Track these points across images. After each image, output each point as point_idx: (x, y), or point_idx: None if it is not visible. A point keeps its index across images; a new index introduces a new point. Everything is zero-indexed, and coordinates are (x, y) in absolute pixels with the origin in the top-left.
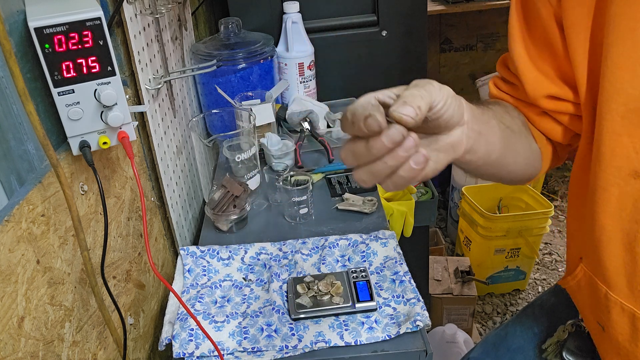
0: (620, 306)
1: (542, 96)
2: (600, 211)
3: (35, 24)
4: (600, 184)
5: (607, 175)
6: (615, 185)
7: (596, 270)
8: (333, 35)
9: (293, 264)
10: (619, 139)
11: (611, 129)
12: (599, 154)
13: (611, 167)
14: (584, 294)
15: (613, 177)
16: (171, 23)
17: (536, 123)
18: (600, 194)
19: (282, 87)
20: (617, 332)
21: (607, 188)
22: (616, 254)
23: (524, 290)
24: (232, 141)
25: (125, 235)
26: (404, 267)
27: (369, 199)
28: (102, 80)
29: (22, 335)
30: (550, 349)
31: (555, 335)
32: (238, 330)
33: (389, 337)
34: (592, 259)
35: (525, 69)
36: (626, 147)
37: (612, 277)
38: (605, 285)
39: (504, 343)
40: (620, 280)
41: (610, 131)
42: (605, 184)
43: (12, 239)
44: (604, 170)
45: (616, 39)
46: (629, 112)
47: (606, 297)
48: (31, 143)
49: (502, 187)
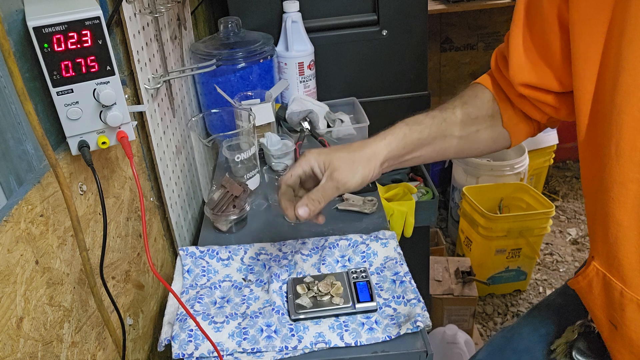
0: (636, 303)
1: (520, 83)
2: (616, 207)
3: (34, 24)
4: (617, 180)
5: (625, 171)
6: (635, 181)
7: (611, 268)
8: (333, 34)
9: (293, 265)
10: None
11: (632, 124)
12: (618, 149)
13: (631, 163)
14: (595, 294)
15: (632, 172)
16: (170, 22)
17: (516, 102)
18: (618, 190)
19: (282, 86)
20: (631, 330)
21: (624, 184)
22: (632, 250)
23: (524, 290)
24: (231, 141)
25: (124, 236)
26: (404, 268)
27: (369, 199)
28: (101, 79)
29: (21, 335)
30: (559, 350)
31: (564, 336)
32: (238, 331)
33: (389, 337)
34: (607, 256)
35: (515, 53)
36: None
37: (628, 274)
38: (621, 283)
39: (510, 344)
40: (636, 276)
41: (630, 126)
42: (624, 179)
43: (10, 239)
44: (623, 166)
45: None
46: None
47: (621, 295)
48: (30, 143)
49: (503, 188)
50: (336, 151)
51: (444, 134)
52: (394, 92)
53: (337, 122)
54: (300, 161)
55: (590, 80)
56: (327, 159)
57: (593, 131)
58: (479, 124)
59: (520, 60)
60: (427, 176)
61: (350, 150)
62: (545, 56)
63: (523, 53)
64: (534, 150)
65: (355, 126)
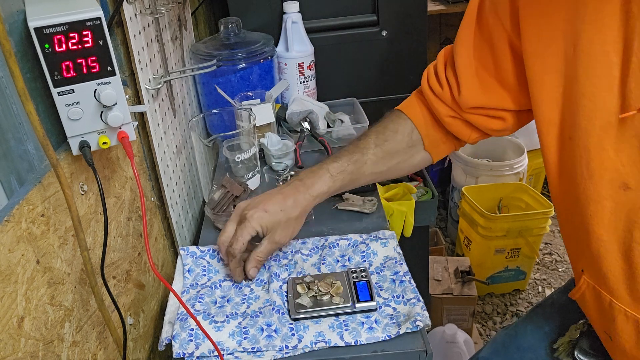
0: (624, 314)
1: (470, 107)
2: (595, 223)
3: (35, 24)
4: (592, 198)
5: (599, 189)
6: (608, 198)
7: (599, 280)
8: (333, 35)
9: (293, 264)
10: (607, 154)
11: (598, 144)
12: (590, 169)
13: (603, 181)
14: (589, 305)
15: (605, 190)
16: (171, 23)
17: (447, 124)
18: (594, 207)
19: (282, 87)
20: (623, 339)
21: (599, 201)
22: (615, 263)
23: (524, 290)
24: (232, 141)
25: (125, 235)
26: (404, 267)
27: (369, 199)
28: (102, 80)
29: (22, 335)
30: (562, 348)
31: (567, 335)
32: (238, 330)
33: (389, 337)
34: (594, 269)
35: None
36: (613, 161)
37: (614, 285)
38: (609, 294)
39: (514, 342)
40: (621, 288)
41: (597, 147)
42: (598, 197)
43: (12, 239)
44: (596, 184)
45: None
46: (610, 127)
47: (610, 306)
48: (31, 143)
49: (502, 187)
50: (274, 215)
51: (365, 173)
52: (393, 92)
53: (337, 123)
54: (246, 228)
55: (550, 108)
56: (269, 224)
57: (562, 154)
58: (400, 156)
59: (471, 83)
60: (426, 176)
61: (285, 211)
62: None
63: (474, 76)
64: (533, 151)
65: (355, 126)
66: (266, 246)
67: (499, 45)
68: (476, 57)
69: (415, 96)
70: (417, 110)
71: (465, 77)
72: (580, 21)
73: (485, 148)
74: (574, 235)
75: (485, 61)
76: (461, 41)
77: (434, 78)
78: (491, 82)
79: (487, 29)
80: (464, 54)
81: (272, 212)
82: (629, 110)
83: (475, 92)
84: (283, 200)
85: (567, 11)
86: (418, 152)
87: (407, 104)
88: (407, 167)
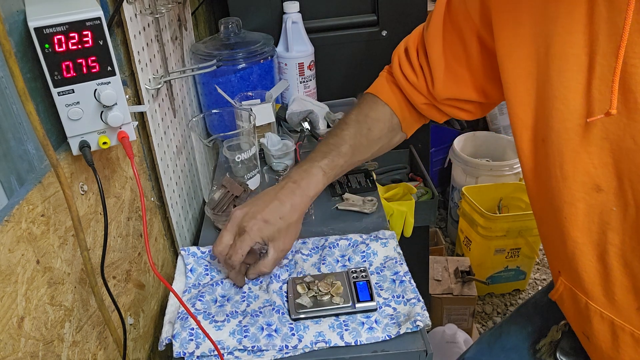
0: (599, 315)
1: (444, 99)
2: (570, 225)
3: (35, 24)
4: (566, 200)
5: (572, 192)
6: (582, 200)
7: (575, 282)
8: (333, 35)
9: (293, 264)
10: (579, 156)
11: (571, 147)
12: (563, 172)
13: (576, 183)
14: (567, 306)
15: (578, 192)
16: (171, 23)
17: (422, 110)
18: (568, 210)
19: (282, 87)
20: (599, 340)
21: (573, 203)
22: (590, 265)
23: (524, 290)
24: (232, 141)
25: (125, 235)
26: (404, 267)
27: (369, 199)
28: (102, 80)
29: (22, 335)
30: (545, 349)
31: (549, 336)
32: (238, 329)
33: (389, 337)
34: (570, 271)
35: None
36: (586, 163)
37: (589, 287)
38: (585, 296)
39: (498, 342)
40: (597, 289)
41: (570, 149)
42: (572, 199)
43: (12, 239)
44: (570, 187)
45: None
46: (581, 129)
47: (586, 307)
48: (31, 143)
49: (502, 187)
50: (274, 224)
51: (353, 162)
52: None
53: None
54: (246, 240)
55: (523, 110)
56: (269, 235)
57: (537, 156)
58: (382, 141)
59: (445, 75)
60: (426, 176)
61: (284, 218)
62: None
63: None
64: None
65: None
66: (273, 255)
67: (468, 37)
68: (447, 47)
69: (385, 79)
70: (390, 95)
71: (439, 69)
72: (551, 24)
73: (485, 148)
74: (551, 237)
75: (455, 51)
76: (432, 31)
77: (407, 64)
78: (462, 73)
79: (457, 21)
80: (435, 45)
81: (272, 221)
82: (595, 114)
83: (447, 84)
84: (281, 206)
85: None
86: (397, 134)
87: (380, 89)
88: (387, 148)
